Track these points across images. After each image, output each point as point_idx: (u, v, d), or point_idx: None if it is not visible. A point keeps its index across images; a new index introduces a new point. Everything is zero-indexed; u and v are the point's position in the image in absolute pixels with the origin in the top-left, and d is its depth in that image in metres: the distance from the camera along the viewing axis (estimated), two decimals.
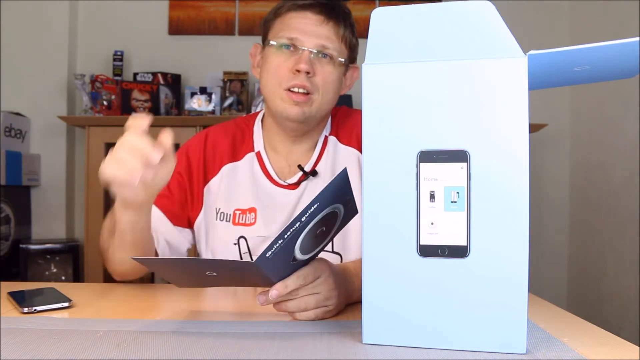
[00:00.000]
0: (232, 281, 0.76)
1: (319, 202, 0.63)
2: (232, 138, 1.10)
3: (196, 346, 0.61)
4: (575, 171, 2.67)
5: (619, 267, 2.23)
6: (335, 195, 0.66)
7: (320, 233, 0.69)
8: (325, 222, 0.69)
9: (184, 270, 0.73)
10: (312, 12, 0.99)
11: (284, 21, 1.00)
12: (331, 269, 0.74)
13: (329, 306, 0.73)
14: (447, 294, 0.58)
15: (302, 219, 0.62)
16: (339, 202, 0.68)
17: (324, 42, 0.98)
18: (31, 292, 0.86)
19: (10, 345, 0.60)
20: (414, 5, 0.59)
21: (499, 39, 0.57)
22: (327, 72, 0.99)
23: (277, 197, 1.05)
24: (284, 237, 0.62)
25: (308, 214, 0.63)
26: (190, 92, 2.52)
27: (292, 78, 0.97)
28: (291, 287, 0.69)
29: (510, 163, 0.56)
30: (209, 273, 0.69)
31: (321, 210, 0.65)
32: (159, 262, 0.73)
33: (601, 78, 0.69)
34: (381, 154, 0.60)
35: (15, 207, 2.48)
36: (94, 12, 2.72)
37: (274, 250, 0.62)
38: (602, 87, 2.39)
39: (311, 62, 0.97)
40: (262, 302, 0.70)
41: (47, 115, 2.58)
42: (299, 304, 0.71)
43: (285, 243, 0.63)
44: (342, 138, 1.09)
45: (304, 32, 0.98)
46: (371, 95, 0.61)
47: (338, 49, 1.00)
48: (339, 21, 1.00)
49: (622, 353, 0.59)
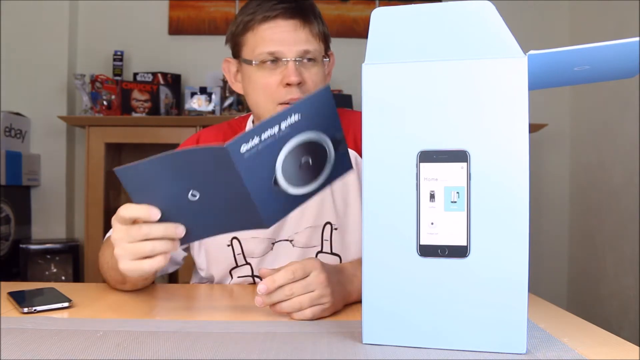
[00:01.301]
0: (218, 216, 0.71)
1: (300, 113, 0.62)
2: (223, 139, 1.10)
3: (196, 346, 0.61)
4: (575, 171, 2.67)
5: (619, 267, 2.22)
6: (319, 117, 0.64)
7: (306, 165, 0.67)
8: (311, 152, 0.66)
9: (166, 184, 0.66)
10: (283, 19, 0.94)
11: (257, 35, 0.96)
12: (322, 266, 0.75)
13: (325, 303, 0.73)
14: (447, 294, 0.58)
15: (282, 127, 0.61)
16: (325, 133, 0.66)
17: (305, 47, 0.95)
18: (31, 292, 0.86)
19: (10, 345, 0.60)
20: (414, 5, 0.59)
21: (499, 39, 0.57)
22: (315, 76, 0.97)
23: None
24: (260, 135, 0.60)
25: (288, 122, 0.61)
26: (190, 92, 2.51)
27: (285, 93, 0.95)
28: (279, 282, 0.69)
29: (510, 163, 0.56)
30: (191, 195, 0.66)
31: (303, 128, 0.63)
32: (138, 166, 0.66)
33: (601, 78, 0.69)
34: (381, 154, 0.60)
35: (15, 207, 2.48)
36: (94, 12, 2.72)
37: (250, 148, 0.60)
38: (602, 87, 2.39)
39: (299, 71, 0.94)
40: (259, 303, 0.71)
41: (47, 115, 2.57)
42: (294, 304, 0.71)
43: (263, 148, 0.61)
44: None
45: (283, 42, 0.94)
46: (371, 95, 0.61)
47: (318, 48, 0.98)
48: (311, 20, 0.96)
49: (622, 353, 0.59)
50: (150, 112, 2.49)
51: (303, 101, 0.63)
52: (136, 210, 0.68)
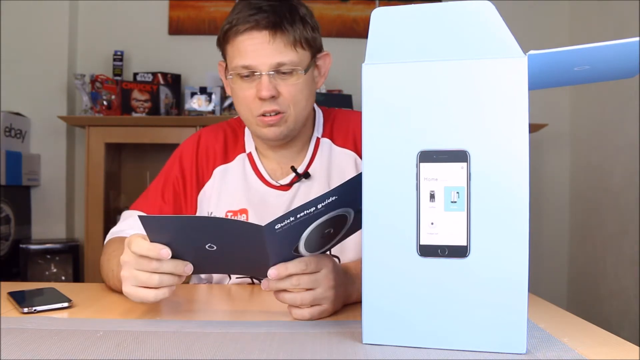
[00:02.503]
0: (230, 263, 0.74)
1: (337, 196, 0.63)
2: (224, 140, 1.10)
3: (196, 346, 0.61)
4: (575, 171, 2.67)
5: (619, 267, 2.23)
6: (351, 196, 0.66)
7: (328, 234, 0.69)
8: (335, 224, 0.68)
9: (186, 237, 0.69)
10: (257, 30, 0.93)
11: (234, 46, 0.96)
12: (334, 265, 0.74)
13: (324, 305, 0.73)
14: (447, 294, 0.58)
15: (319, 207, 0.62)
16: (352, 207, 0.68)
17: (278, 60, 0.94)
18: (31, 292, 0.86)
19: (10, 345, 0.60)
20: (414, 5, 0.59)
21: (499, 39, 0.57)
22: (292, 86, 0.96)
23: (269, 198, 1.04)
24: (296, 215, 0.62)
25: (325, 203, 0.63)
26: (190, 92, 2.51)
27: (260, 105, 0.96)
28: (291, 270, 0.69)
29: (510, 163, 0.56)
30: (209, 246, 0.67)
31: (337, 207, 0.65)
32: (164, 219, 0.70)
33: (601, 78, 0.69)
34: (381, 154, 0.60)
35: (15, 207, 2.48)
36: (94, 12, 2.72)
37: (283, 225, 0.62)
38: (602, 87, 2.39)
39: (272, 85, 0.94)
40: (265, 287, 0.72)
41: (47, 115, 2.57)
42: (295, 298, 0.72)
43: (295, 224, 0.63)
44: (337, 140, 1.08)
45: (256, 56, 0.94)
46: (371, 95, 0.61)
47: (295, 58, 0.95)
48: (287, 29, 0.94)
49: (622, 353, 0.59)
50: (150, 112, 2.49)
51: (342, 185, 0.65)
52: (147, 250, 0.69)
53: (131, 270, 0.71)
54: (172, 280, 0.71)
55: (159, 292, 0.71)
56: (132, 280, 0.71)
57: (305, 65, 0.97)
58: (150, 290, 0.71)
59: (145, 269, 0.70)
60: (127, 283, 0.72)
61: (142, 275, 0.70)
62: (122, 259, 0.73)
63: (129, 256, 0.71)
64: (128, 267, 0.71)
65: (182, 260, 0.71)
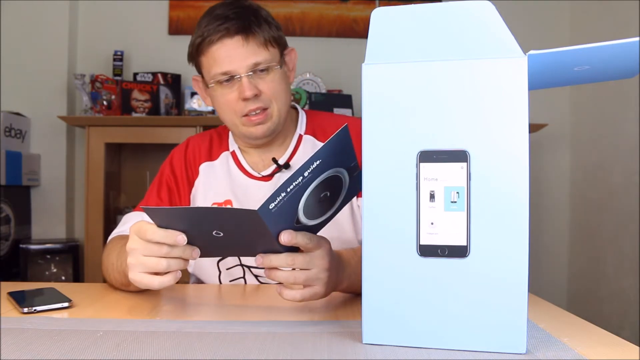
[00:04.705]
0: (238, 246, 0.75)
1: (320, 159, 0.64)
2: (209, 141, 1.16)
3: (196, 346, 0.61)
4: (575, 171, 2.67)
5: (619, 267, 2.22)
6: (337, 155, 0.66)
7: (324, 198, 0.70)
8: (329, 186, 0.69)
9: (192, 226, 0.71)
10: (229, 37, 0.98)
11: (209, 57, 1.01)
12: (330, 250, 0.76)
13: (316, 287, 0.74)
14: (447, 294, 0.58)
15: (305, 174, 0.63)
16: (342, 166, 0.68)
17: (254, 60, 0.99)
18: (31, 292, 0.86)
19: (10, 345, 0.60)
20: (414, 5, 0.59)
21: (499, 39, 0.57)
22: (271, 83, 1.01)
23: (252, 189, 1.08)
24: (286, 189, 0.63)
25: (310, 169, 0.64)
26: (190, 92, 2.51)
27: (244, 106, 1.01)
28: (299, 240, 0.69)
29: (510, 163, 0.56)
30: (215, 233, 0.69)
31: (324, 169, 0.65)
32: (169, 211, 0.72)
33: (601, 78, 0.69)
34: (381, 154, 0.60)
35: (15, 207, 2.48)
36: (94, 12, 2.71)
37: (277, 203, 0.63)
38: (602, 87, 2.39)
39: (253, 84, 0.99)
40: (259, 262, 0.72)
41: (47, 115, 2.57)
42: (288, 276, 0.73)
43: (288, 198, 0.63)
44: (321, 137, 1.11)
45: (232, 61, 0.99)
46: (371, 95, 0.61)
47: (269, 56, 1.01)
48: (255, 31, 0.99)
49: (622, 353, 0.59)
50: (150, 112, 2.49)
51: (323, 147, 0.64)
52: (163, 236, 0.70)
53: (138, 257, 0.72)
54: (179, 265, 0.72)
55: (164, 278, 0.72)
56: (139, 267, 0.73)
57: (278, 61, 1.03)
58: (155, 277, 0.73)
59: (155, 254, 0.71)
60: (134, 270, 0.73)
61: (150, 260, 0.72)
62: (129, 246, 0.74)
63: (137, 243, 0.73)
64: (135, 253, 0.73)
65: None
